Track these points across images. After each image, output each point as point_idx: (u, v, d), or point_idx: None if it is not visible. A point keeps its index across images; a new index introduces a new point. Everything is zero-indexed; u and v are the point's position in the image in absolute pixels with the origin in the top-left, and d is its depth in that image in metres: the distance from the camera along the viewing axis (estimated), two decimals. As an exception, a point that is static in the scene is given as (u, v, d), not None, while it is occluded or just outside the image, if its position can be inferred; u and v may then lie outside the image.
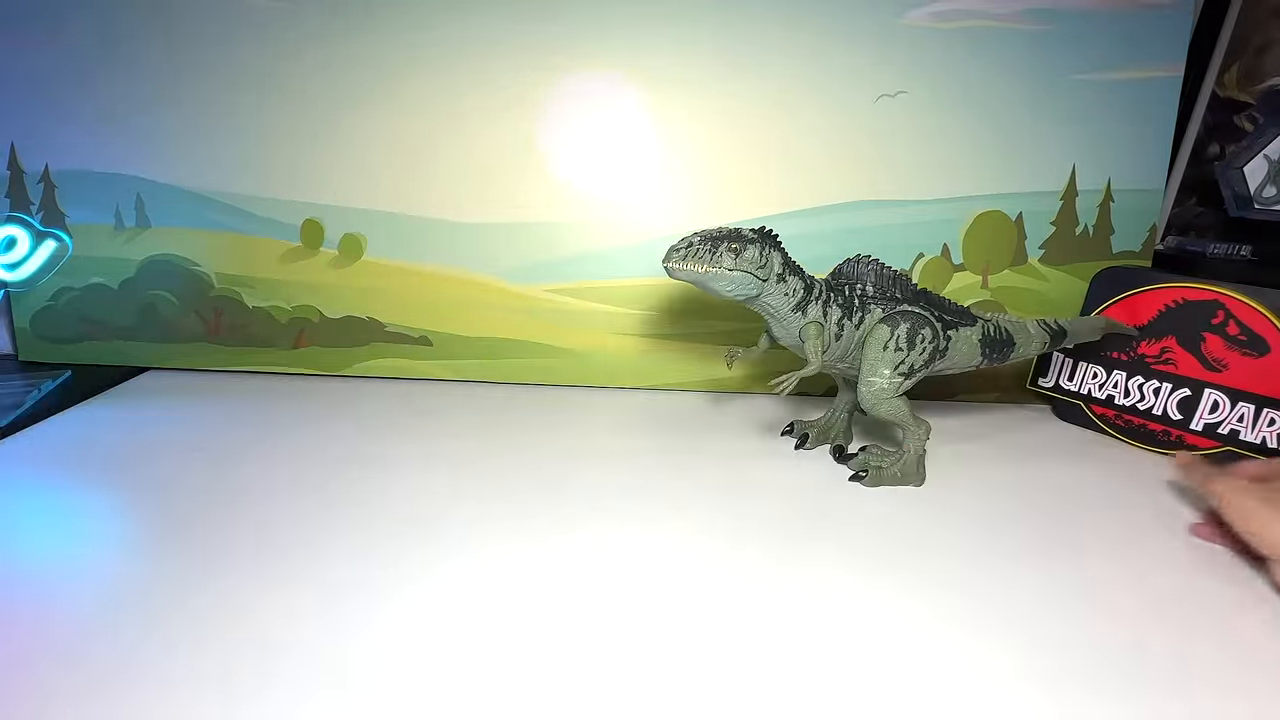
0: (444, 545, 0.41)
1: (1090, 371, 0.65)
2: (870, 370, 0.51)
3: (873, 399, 0.51)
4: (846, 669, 0.33)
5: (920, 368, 0.51)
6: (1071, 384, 0.66)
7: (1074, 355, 0.65)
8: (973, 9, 0.66)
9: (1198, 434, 0.58)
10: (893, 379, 0.50)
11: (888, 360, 0.50)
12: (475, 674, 0.31)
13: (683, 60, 0.66)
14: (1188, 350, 0.59)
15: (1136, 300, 0.62)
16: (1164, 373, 0.60)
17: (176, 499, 0.46)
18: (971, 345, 0.54)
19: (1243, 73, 0.66)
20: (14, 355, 0.71)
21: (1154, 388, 0.61)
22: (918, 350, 0.51)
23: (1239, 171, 0.63)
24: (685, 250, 0.47)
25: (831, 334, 0.51)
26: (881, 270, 0.52)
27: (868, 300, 0.52)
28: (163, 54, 0.65)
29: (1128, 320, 0.62)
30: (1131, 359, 0.63)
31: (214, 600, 0.36)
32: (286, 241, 0.69)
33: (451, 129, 0.67)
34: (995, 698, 0.31)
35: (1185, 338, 0.59)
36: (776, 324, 0.51)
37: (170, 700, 0.29)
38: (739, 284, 0.48)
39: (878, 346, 0.50)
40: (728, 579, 0.39)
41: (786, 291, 0.49)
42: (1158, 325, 0.61)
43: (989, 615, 0.37)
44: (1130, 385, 0.62)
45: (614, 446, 0.57)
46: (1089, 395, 0.65)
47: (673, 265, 0.47)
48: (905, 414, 0.51)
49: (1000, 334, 0.55)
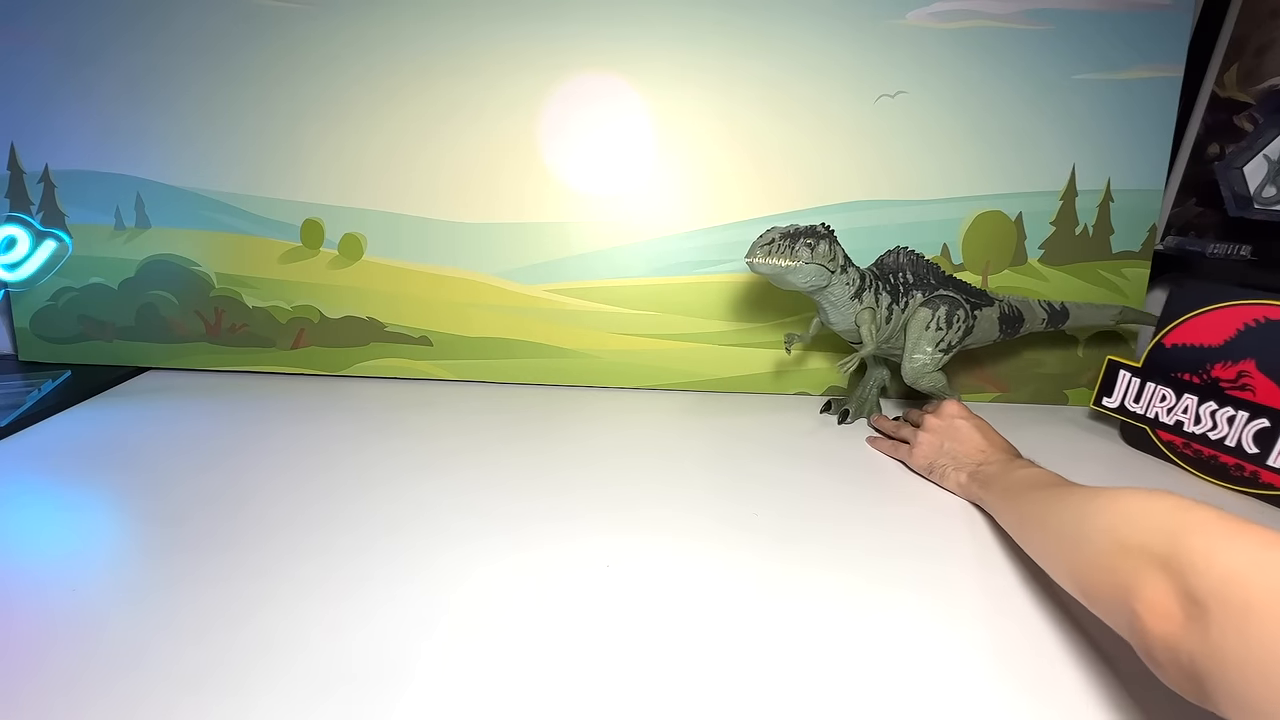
0: (444, 544, 0.41)
1: (1159, 393, 0.58)
2: (914, 348, 0.58)
3: (916, 373, 0.58)
4: (844, 668, 0.33)
5: (956, 344, 0.59)
6: (1138, 406, 0.60)
7: (1141, 375, 0.60)
8: (973, 9, 0.66)
9: (1276, 471, 0.51)
10: (934, 355, 0.58)
11: (930, 338, 0.58)
12: (475, 673, 0.31)
13: (683, 61, 0.66)
14: (1268, 376, 0.52)
15: (1214, 316, 0.56)
16: (1240, 400, 0.53)
17: (176, 499, 0.46)
18: (992, 322, 0.61)
19: (1243, 73, 0.66)
20: (14, 355, 0.71)
21: (1228, 416, 0.53)
22: (954, 329, 0.58)
23: (1239, 171, 0.62)
24: (768, 246, 0.53)
25: (882, 318, 0.57)
26: (917, 260, 0.60)
27: (910, 287, 0.59)
28: (163, 54, 0.65)
29: (1203, 340, 0.56)
30: (1205, 382, 0.56)
31: (214, 599, 0.36)
32: (286, 241, 0.69)
33: (452, 129, 0.67)
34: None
35: (1266, 362, 0.53)
36: (835, 310, 0.57)
37: (171, 699, 0.29)
38: (814, 276, 0.53)
39: (920, 327, 0.58)
40: (727, 578, 0.39)
41: (847, 281, 0.56)
42: (1236, 346, 0.54)
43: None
44: (1202, 411, 0.55)
45: (614, 446, 0.57)
46: (1156, 419, 0.58)
47: (756, 260, 0.53)
48: (944, 386, 0.59)
49: (1013, 311, 0.63)
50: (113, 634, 0.33)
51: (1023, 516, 0.40)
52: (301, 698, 0.29)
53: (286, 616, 0.34)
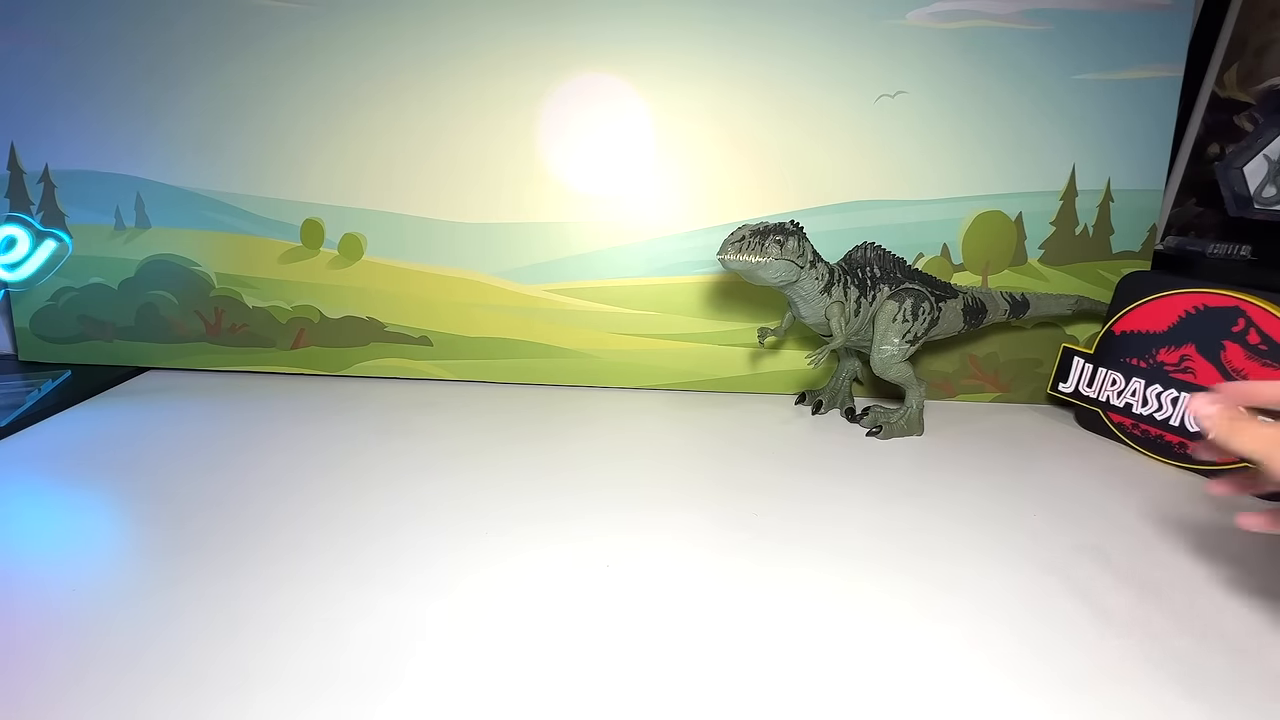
0: (444, 544, 0.41)
1: (1109, 378, 0.62)
2: (882, 339, 0.59)
3: (884, 363, 0.59)
4: (844, 668, 0.33)
5: (921, 335, 0.60)
6: (1091, 390, 0.64)
7: (1094, 361, 0.64)
8: (973, 9, 0.66)
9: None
10: (901, 345, 0.59)
11: (897, 330, 0.59)
12: (474, 673, 0.31)
13: (683, 62, 0.66)
14: (1207, 359, 0.56)
15: (1158, 305, 0.60)
16: (1183, 382, 0.57)
17: (176, 498, 0.46)
18: (956, 314, 0.63)
19: (1243, 73, 0.66)
20: (14, 355, 0.71)
21: (1172, 397, 0.58)
22: (920, 320, 0.60)
23: (1239, 171, 0.62)
24: (739, 243, 0.54)
25: (851, 311, 0.58)
26: (884, 254, 0.61)
27: (877, 280, 0.60)
28: (163, 54, 0.65)
29: (1149, 327, 0.60)
30: (1151, 366, 0.60)
31: (214, 599, 0.36)
32: (286, 241, 0.69)
33: (452, 129, 0.67)
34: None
35: (1205, 346, 0.57)
36: (805, 305, 0.58)
37: (171, 698, 0.29)
38: (784, 271, 0.55)
39: (887, 319, 0.59)
40: (728, 578, 0.39)
41: (817, 276, 0.57)
42: (1178, 332, 0.58)
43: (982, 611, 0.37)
44: (1148, 394, 0.59)
45: (614, 446, 0.57)
46: (1107, 403, 0.62)
47: (728, 257, 0.54)
48: (910, 376, 0.60)
49: (976, 303, 0.64)
50: (113, 634, 0.33)
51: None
52: (301, 697, 0.29)
53: (287, 616, 0.34)
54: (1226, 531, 0.48)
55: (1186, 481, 0.55)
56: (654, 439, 0.60)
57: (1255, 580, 0.41)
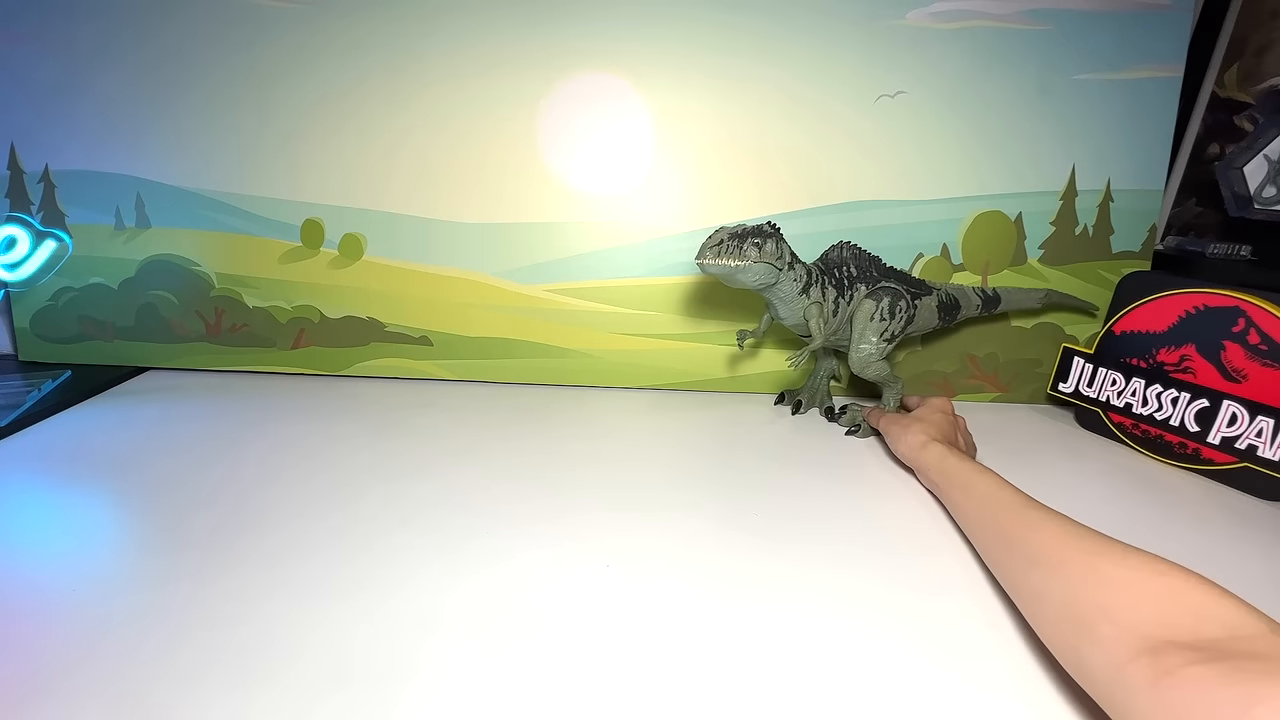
0: (444, 544, 0.41)
1: (1110, 378, 0.62)
2: (860, 338, 0.60)
3: (862, 362, 0.60)
4: (844, 667, 0.33)
5: (899, 333, 0.61)
6: (1091, 390, 0.64)
7: (1094, 361, 0.63)
8: (973, 9, 0.66)
9: (1215, 448, 0.55)
10: (879, 344, 0.59)
11: (874, 329, 0.59)
12: (474, 673, 0.31)
13: (683, 62, 0.66)
14: (1207, 359, 0.56)
15: (1158, 305, 0.60)
16: (1183, 382, 0.57)
17: (176, 499, 0.46)
18: (931, 310, 0.63)
19: (1243, 73, 0.66)
20: (14, 355, 0.71)
21: (1172, 397, 0.57)
22: (897, 318, 0.60)
23: (1239, 171, 0.62)
24: (717, 247, 0.53)
25: (829, 311, 0.58)
26: (860, 254, 0.62)
27: (854, 280, 0.60)
28: (163, 54, 0.65)
29: (1149, 327, 0.60)
30: (1151, 366, 0.60)
31: (214, 599, 0.36)
32: (286, 241, 0.69)
33: (452, 129, 0.67)
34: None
35: (1205, 346, 0.56)
36: (784, 306, 0.58)
37: (171, 699, 0.29)
38: (762, 274, 0.54)
39: (865, 318, 0.59)
40: (728, 578, 0.39)
41: (795, 278, 0.56)
42: (1178, 332, 0.58)
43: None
44: (1148, 394, 0.59)
45: (614, 446, 0.57)
46: (1107, 403, 0.62)
47: (706, 261, 0.53)
48: (888, 374, 0.61)
49: (950, 299, 0.65)
50: (113, 634, 0.33)
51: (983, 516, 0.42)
52: (301, 697, 0.29)
53: (287, 616, 0.34)
54: (1227, 533, 0.48)
55: (1187, 482, 0.55)
56: (654, 439, 0.60)
57: (1257, 579, 0.41)
